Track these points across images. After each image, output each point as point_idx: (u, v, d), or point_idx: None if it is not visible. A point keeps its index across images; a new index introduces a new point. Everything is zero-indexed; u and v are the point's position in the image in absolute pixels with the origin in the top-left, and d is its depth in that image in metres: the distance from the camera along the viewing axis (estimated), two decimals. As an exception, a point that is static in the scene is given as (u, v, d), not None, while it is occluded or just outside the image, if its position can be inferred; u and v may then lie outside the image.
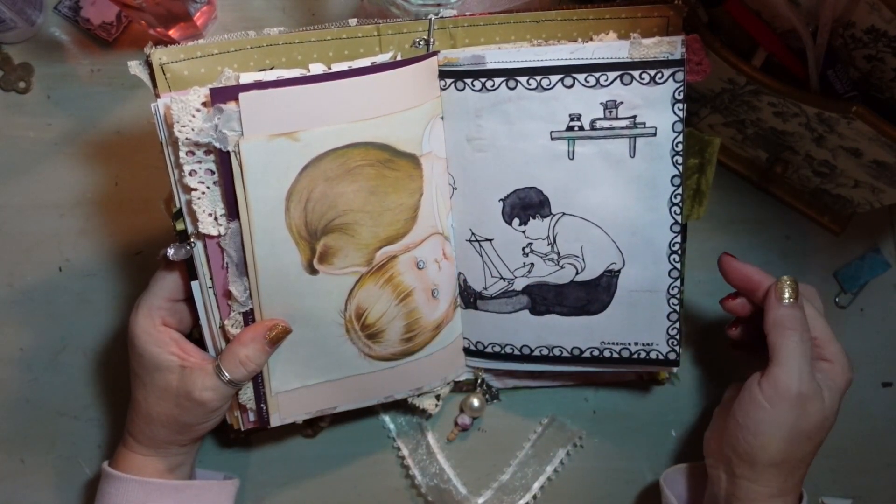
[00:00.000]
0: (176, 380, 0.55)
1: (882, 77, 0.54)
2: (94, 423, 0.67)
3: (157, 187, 0.68)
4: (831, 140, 0.59)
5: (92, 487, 0.65)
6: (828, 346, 0.55)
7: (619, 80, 0.55)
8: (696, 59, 0.56)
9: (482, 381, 0.67)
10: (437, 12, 0.57)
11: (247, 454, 0.67)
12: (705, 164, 0.59)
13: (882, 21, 0.50)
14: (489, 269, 0.61)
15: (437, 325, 0.61)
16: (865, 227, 0.71)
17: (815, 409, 0.53)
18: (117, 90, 0.70)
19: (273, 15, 0.71)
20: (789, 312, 0.54)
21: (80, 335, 0.67)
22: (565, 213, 0.58)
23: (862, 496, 0.68)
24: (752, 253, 0.70)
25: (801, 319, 0.54)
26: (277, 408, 0.58)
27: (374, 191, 0.54)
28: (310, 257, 0.54)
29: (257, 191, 0.51)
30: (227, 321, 0.56)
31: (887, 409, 0.69)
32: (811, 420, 0.53)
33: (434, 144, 0.57)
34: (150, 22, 0.64)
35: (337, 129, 0.52)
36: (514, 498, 0.66)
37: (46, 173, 0.69)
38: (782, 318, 0.54)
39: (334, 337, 0.57)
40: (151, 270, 0.57)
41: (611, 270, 0.59)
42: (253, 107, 0.50)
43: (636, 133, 0.56)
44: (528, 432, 0.68)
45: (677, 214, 0.57)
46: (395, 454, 0.67)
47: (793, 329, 0.53)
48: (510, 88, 0.56)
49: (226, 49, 0.53)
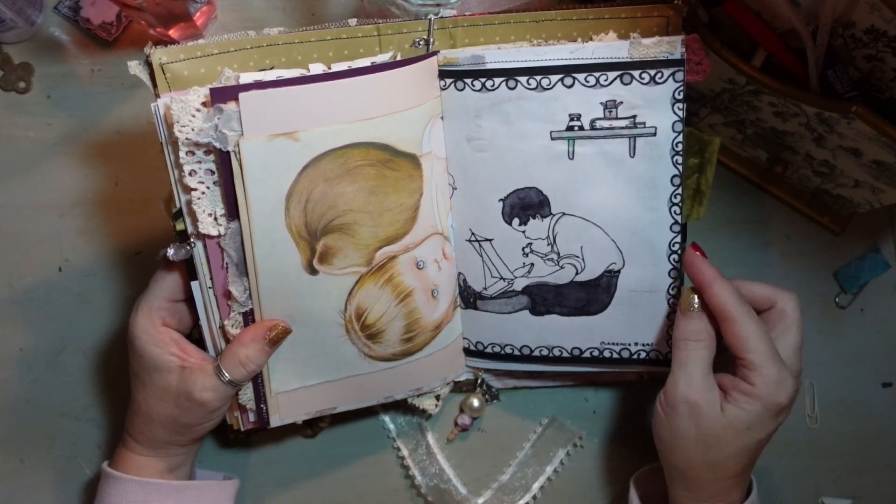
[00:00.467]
0: (176, 380, 0.55)
1: (882, 77, 0.54)
2: (94, 423, 0.67)
3: (157, 187, 0.68)
4: (831, 140, 0.59)
5: (92, 487, 0.65)
6: (759, 363, 0.53)
7: (619, 80, 0.55)
8: (695, 58, 0.56)
9: (482, 381, 0.67)
10: (436, 12, 0.57)
11: (247, 454, 0.67)
12: (705, 163, 0.59)
13: (882, 21, 0.50)
14: (489, 270, 0.61)
15: (437, 326, 0.61)
16: (865, 227, 0.71)
17: (710, 417, 0.53)
18: (117, 90, 0.70)
19: (273, 15, 0.71)
20: (684, 323, 0.56)
21: (80, 335, 0.67)
22: (565, 212, 0.58)
23: (862, 496, 0.68)
24: (752, 253, 0.70)
25: (698, 330, 0.55)
26: (277, 408, 0.58)
27: (374, 191, 0.54)
28: (310, 257, 0.54)
29: (257, 191, 0.51)
30: (226, 321, 0.56)
31: (887, 409, 0.69)
32: (705, 428, 0.53)
33: (434, 144, 0.57)
34: (150, 22, 0.64)
35: (337, 129, 0.52)
36: (514, 498, 0.66)
37: (46, 173, 0.69)
38: (679, 329, 0.56)
39: (334, 337, 0.57)
40: (151, 270, 0.57)
41: (611, 270, 0.59)
42: (253, 107, 0.50)
43: (636, 133, 0.56)
44: (528, 432, 0.68)
45: (677, 214, 0.57)
46: (395, 454, 0.67)
47: (685, 339, 0.55)
48: (510, 88, 0.56)
49: (226, 49, 0.53)
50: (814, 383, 0.70)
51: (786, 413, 0.55)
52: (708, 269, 0.55)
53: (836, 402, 0.69)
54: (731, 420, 0.53)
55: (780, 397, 0.53)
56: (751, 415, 0.53)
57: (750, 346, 0.53)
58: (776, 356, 0.54)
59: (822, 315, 0.70)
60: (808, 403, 0.69)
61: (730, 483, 0.55)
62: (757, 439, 0.54)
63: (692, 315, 0.56)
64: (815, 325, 0.70)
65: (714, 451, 0.54)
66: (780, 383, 0.53)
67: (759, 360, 0.53)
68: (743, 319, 0.53)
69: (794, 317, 0.56)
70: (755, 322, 0.54)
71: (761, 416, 0.53)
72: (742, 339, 0.53)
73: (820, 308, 0.70)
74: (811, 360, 0.70)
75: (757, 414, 0.53)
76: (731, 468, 0.55)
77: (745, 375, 0.54)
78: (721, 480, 0.55)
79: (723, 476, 0.55)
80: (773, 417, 0.54)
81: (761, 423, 0.54)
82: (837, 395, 0.69)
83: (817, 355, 0.70)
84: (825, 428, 0.69)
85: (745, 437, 0.54)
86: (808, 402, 0.69)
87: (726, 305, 0.54)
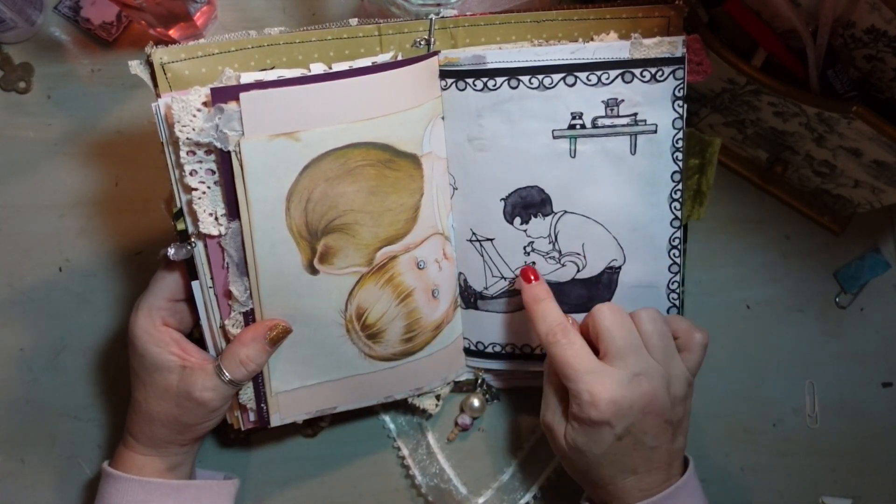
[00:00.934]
0: (176, 380, 0.54)
1: (882, 77, 0.54)
2: (94, 423, 0.67)
3: (157, 187, 0.68)
4: (831, 140, 0.59)
5: (92, 487, 0.65)
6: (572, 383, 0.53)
7: (621, 79, 0.55)
8: (696, 59, 0.56)
9: (482, 381, 0.67)
10: (437, 12, 0.57)
11: (247, 454, 0.67)
12: (706, 164, 0.59)
13: (882, 21, 0.50)
14: (490, 269, 0.61)
15: (438, 326, 0.61)
16: (865, 227, 0.71)
17: (555, 448, 0.56)
18: (117, 90, 0.70)
19: (273, 15, 0.71)
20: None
21: (80, 335, 0.67)
22: (567, 210, 0.58)
23: (862, 496, 0.68)
24: (752, 253, 0.71)
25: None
26: (278, 408, 0.58)
27: (375, 191, 0.54)
28: (310, 257, 0.54)
29: (258, 191, 0.51)
30: (227, 321, 0.55)
31: (887, 409, 0.69)
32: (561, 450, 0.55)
33: (435, 144, 0.57)
34: (151, 22, 0.64)
35: (337, 130, 0.52)
36: (514, 498, 0.66)
37: (46, 173, 0.69)
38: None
39: (334, 337, 0.57)
40: (151, 270, 0.57)
41: (612, 267, 0.59)
42: (254, 107, 0.50)
43: (637, 130, 0.56)
44: (528, 432, 0.68)
45: (677, 210, 0.58)
46: (395, 454, 0.67)
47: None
48: (512, 88, 0.56)
49: (226, 49, 0.53)
50: (814, 383, 0.70)
51: (609, 425, 0.52)
52: (539, 290, 0.57)
53: (836, 402, 0.69)
54: (569, 445, 0.54)
55: (590, 413, 0.52)
56: (579, 439, 0.53)
57: (556, 370, 0.54)
58: (578, 375, 0.52)
59: (822, 315, 0.70)
60: (808, 403, 0.69)
61: (628, 486, 0.54)
62: (601, 452, 0.53)
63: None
64: (815, 325, 0.70)
65: (589, 472, 0.54)
66: (583, 403, 0.52)
67: (569, 385, 0.53)
68: (548, 347, 0.55)
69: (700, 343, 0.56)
70: (557, 350, 0.54)
71: (586, 437, 0.53)
72: (559, 362, 0.54)
73: (820, 308, 0.70)
74: (811, 360, 0.70)
75: (583, 435, 0.53)
76: (620, 476, 0.54)
77: None
78: (612, 485, 0.54)
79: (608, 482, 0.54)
80: (597, 432, 0.52)
81: (591, 441, 0.53)
82: (837, 395, 0.70)
83: (817, 355, 0.70)
84: (825, 428, 0.69)
85: (587, 458, 0.53)
86: (808, 402, 0.69)
87: (539, 328, 0.56)
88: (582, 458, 0.54)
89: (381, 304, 0.57)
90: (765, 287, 0.70)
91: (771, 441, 0.68)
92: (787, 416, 0.69)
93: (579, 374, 0.52)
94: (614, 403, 0.51)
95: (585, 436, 0.53)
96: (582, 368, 0.52)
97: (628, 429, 0.52)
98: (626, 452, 0.53)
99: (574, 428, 0.53)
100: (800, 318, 0.70)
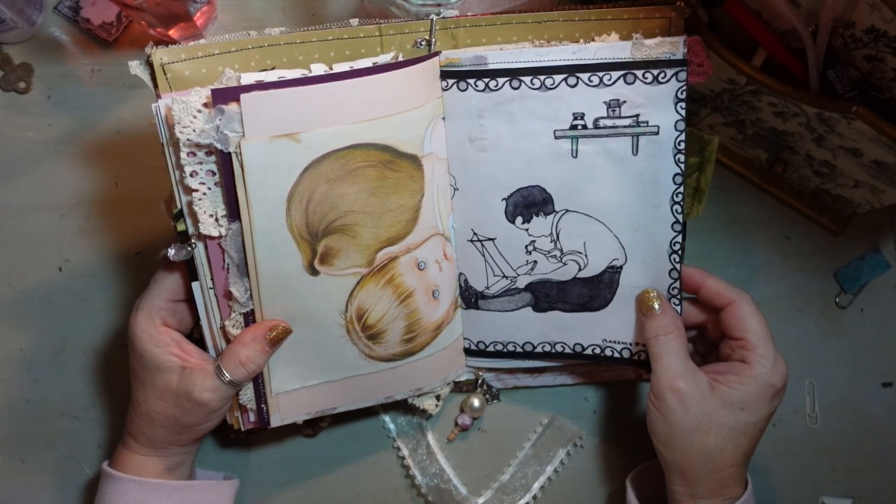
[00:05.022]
0: (176, 380, 0.54)
1: (882, 77, 0.55)
2: (94, 423, 0.67)
3: (157, 188, 0.68)
4: (831, 140, 0.59)
5: (92, 487, 0.65)
6: (755, 342, 0.56)
7: (623, 80, 0.55)
8: (697, 60, 0.56)
9: (482, 381, 0.67)
10: (437, 12, 0.56)
11: (247, 454, 0.67)
12: (705, 162, 0.59)
13: (882, 21, 0.50)
14: (491, 269, 0.61)
15: (438, 326, 0.61)
16: (865, 227, 0.71)
17: (698, 401, 0.55)
18: (117, 90, 0.70)
19: (273, 15, 0.71)
20: (650, 323, 0.58)
21: (80, 335, 0.67)
22: (569, 209, 0.58)
23: (862, 496, 0.68)
24: (752, 253, 0.71)
25: (664, 325, 0.57)
26: (278, 408, 0.58)
27: (376, 192, 0.54)
28: (311, 258, 0.54)
29: (258, 192, 0.51)
30: (227, 322, 0.55)
31: (887, 409, 0.70)
32: (696, 411, 0.55)
33: (435, 145, 0.57)
34: (151, 22, 0.64)
35: (338, 131, 0.52)
36: (514, 498, 0.66)
37: (46, 173, 0.68)
38: (647, 329, 0.58)
39: (335, 338, 0.57)
40: (151, 271, 0.57)
41: (613, 266, 0.59)
42: (254, 108, 0.49)
43: (639, 131, 0.56)
44: (528, 432, 0.68)
45: (679, 213, 0.58)
46: (395, 454, 0.67)
47: (654, 336, 0.57)
48: (514, 88, 0.56)
49: (227, 49, 0.53)
50: (814, 383, 0.70)
51: (779, 398, 0.57)
52: (695, 269, 0.60)
53: (836, 402, 0.70)
54: (723, 400, 0.55)
55: (775, 378, 0.55)
56: (744, 394, 0.55)
57: (748, 325, 0.56)
58: (771, 338, 0.56)
59: (822, 315, 0.70)
60: (808, 403, 0.70)
61: (726, 476, 0.55)
62: (751, 422, 0.55)
63: (655, 314, 0.58)
64: (815, 325, 0.70)
65: (709, 437, 0.55)
66: (776, 364, 0.56)
67: (755, 340, 0.56)
68: (740, 301, 0.57)
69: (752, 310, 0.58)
70: (751, 303, 0.57)
71: (756, 397, 0.55)
72: (740, 318, 0.56)
73: (820, 308, 0.71)
74: (811, 360, 0.70)
75: (751, 394, 0.55)
76: (728, 457, 0.55)
77: (743, 356, 0.56)
78: (717, 472, 0.55)
79: (719, 467, 0.55)
80: (767, 400, 0.55)
81: (756, 404, 0.55)
82: (837, 395, 0.70)
83: (817, 355, 0.70)
84: (825, 428, 0.69)
85: (739, 417, 0.55)
86: (808, 402, 0.70)
87: (723, 290, 0.58)
88: (724, 424, 0.55)
89: (382, 304, 0.57)
90: (765, 287, 0.70)
91: (771, 441, 0.68)
92: (787, 416, 0.69)
93: (766, 335, 0.56)
94: (786, 379, 0.56)
95: (752, 397, 0.55)
96: (767, 332, 0.56)
97: (773, 411, 0.56)
98: (754, 438, 0.56)
99: (737, 389, 0.55)
100: (800, 318, 0.70)
